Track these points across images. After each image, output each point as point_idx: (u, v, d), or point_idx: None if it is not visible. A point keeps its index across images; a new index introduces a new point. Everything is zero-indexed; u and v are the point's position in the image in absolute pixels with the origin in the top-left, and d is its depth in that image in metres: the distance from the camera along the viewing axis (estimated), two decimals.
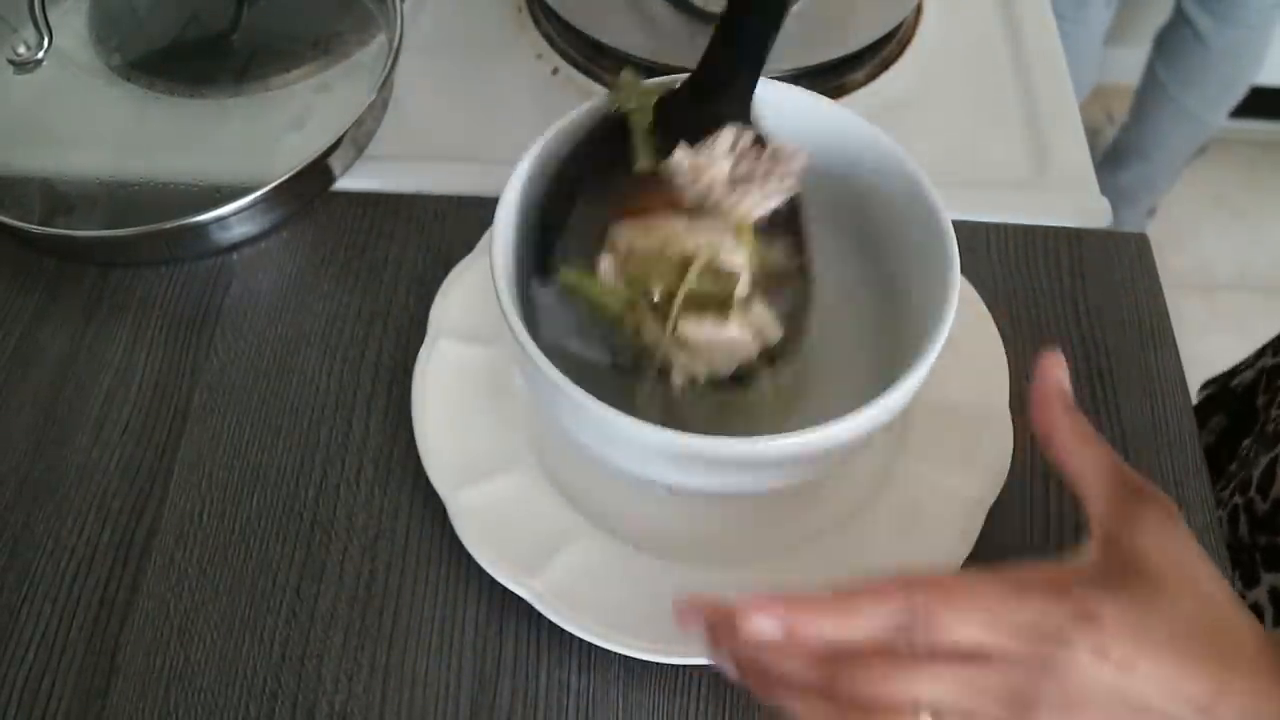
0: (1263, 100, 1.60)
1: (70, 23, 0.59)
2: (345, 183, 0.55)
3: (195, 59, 0.59)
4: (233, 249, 0.53)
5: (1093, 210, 0.55)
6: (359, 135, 0.56)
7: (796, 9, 0.60)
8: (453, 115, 0.59)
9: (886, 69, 0.61)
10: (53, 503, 0.45)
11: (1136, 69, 1.53)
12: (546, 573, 0.41)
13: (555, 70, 0.61)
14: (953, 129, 0.58)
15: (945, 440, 0.45)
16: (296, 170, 0.52)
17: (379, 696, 0.41)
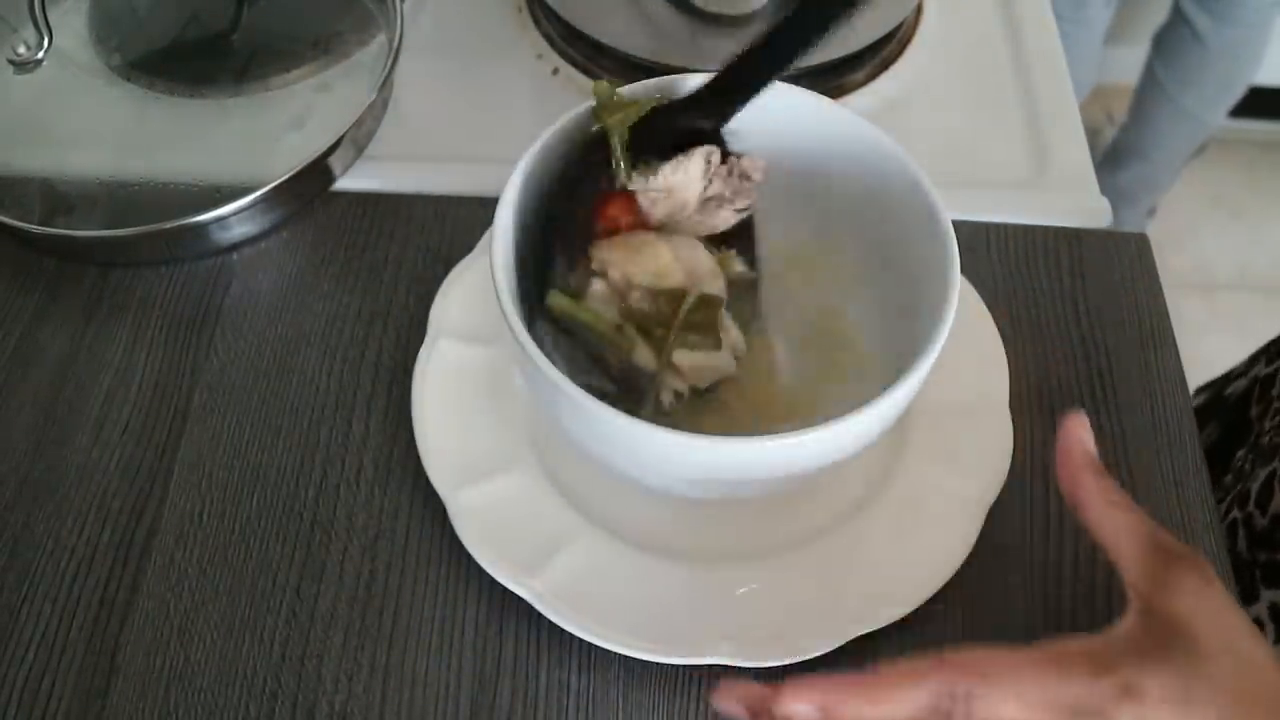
0: (1262, 100, 1.60)
1: (70, 23, 0.59)
2: (345, 183, 0.55)
3: (195, 59, 0.59)
4: (233, 249, 0.53)
5: (1093, 210, 0.55)
6: (359, 135, 0.56)
7: None
8: (453, 115, 0.59)
9: (886, 69, 0.61)
10: (53, 503, 0.45)
11: (1136, 69, 1.53)
12: (546, 573, 0.41)
13: (555, 70, 0.61)
14: (953, 129, 0.58)
15: (945, 440, 0.45)
16: (296, 170, 0.52)
17: (379, 696, 0.41)
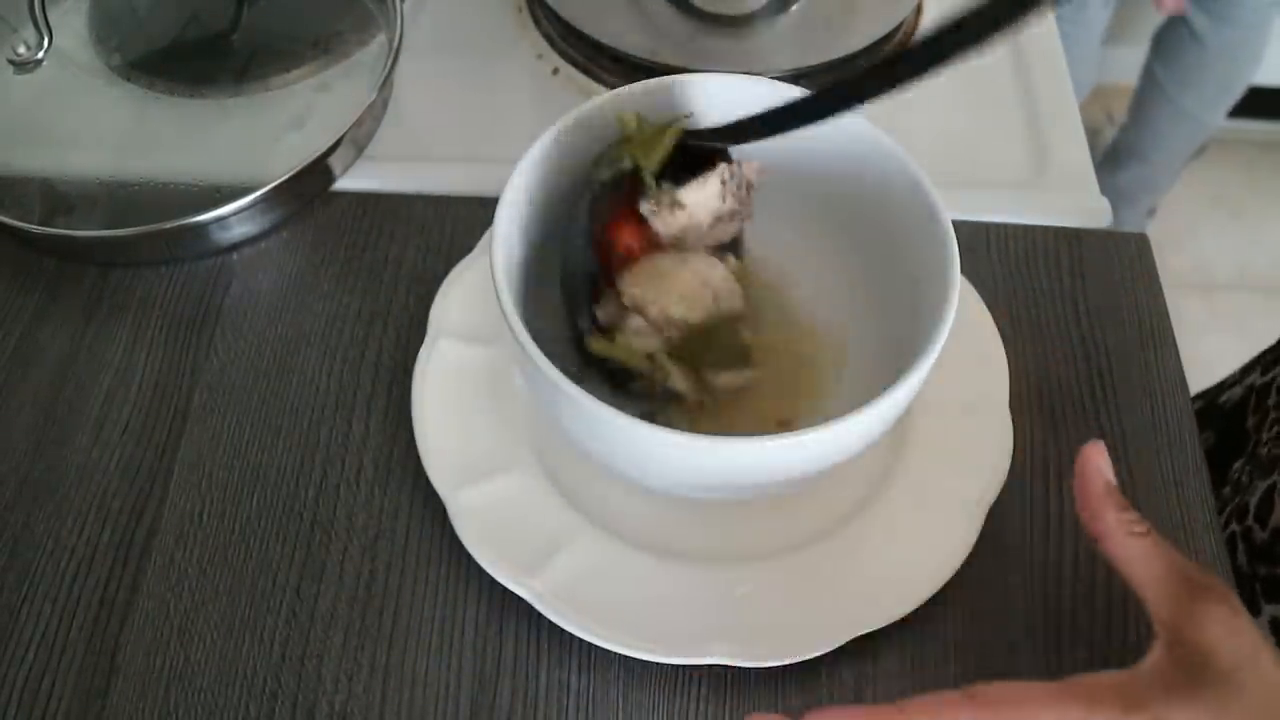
0: (1261, 100, 1.61)
1: (70, 23, 0.59)
2: (345, 183, 0.55)
3: (195, 59, 0.59)
4: (233, 249, 0.53)
5: (1093, 210, 0.55)
6: (359, 135, 0.56)
7: (796, 9, 0.60)
8: (453, 115, 0.59)
9: None
10: (53, 503, 0.45)
11: (1136, 69, 1.53)
12: (546, 573, 0.41)
13: (555, 70, 0.61)
14: (953, 129, 0.58)
15: (945, 440, 0.45)
16: (296, 170, 0.52)
17: (379, 696, 0.41)
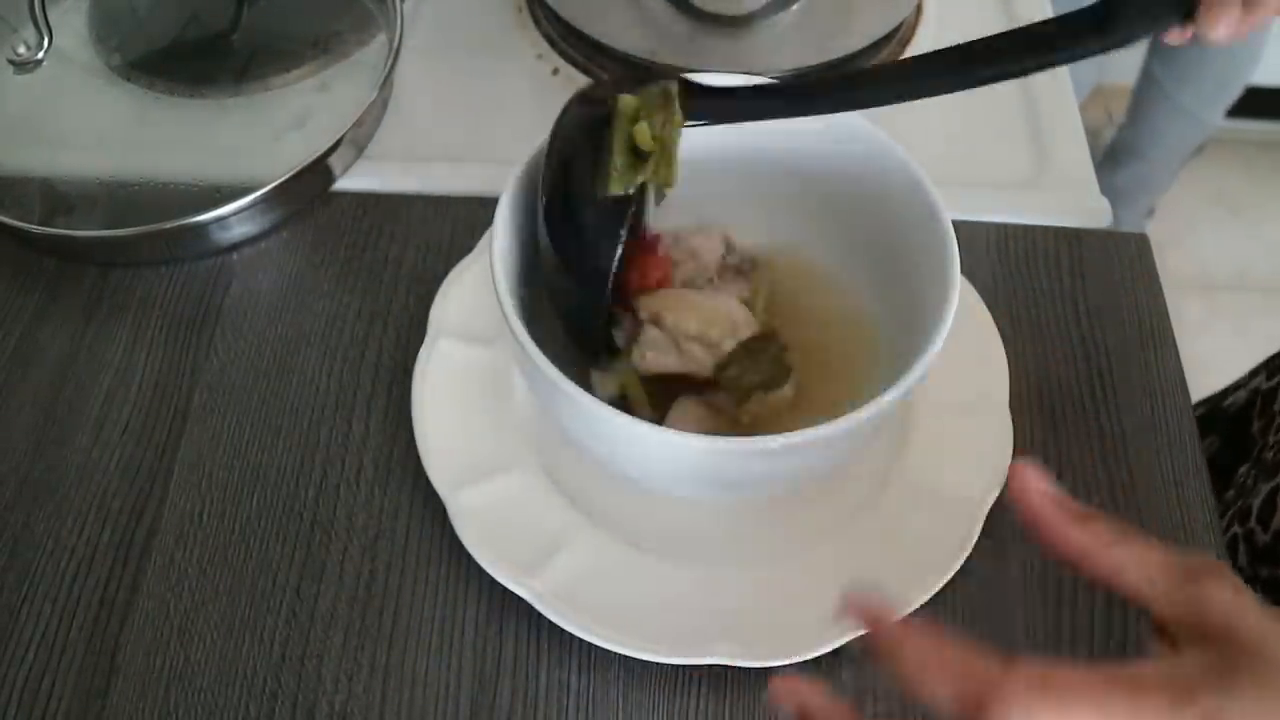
0: (1261, 100, 1.60)
1: (70, 23, 0.59)
2: (345, 183, 0.55)
3: (195, 59, 0.59)
4: (233, 249, 0.53)
5: (1093, 210, 0.55)
6: (359, 135, 0.56)
7: (796, 8, 0.60)
8: (453, 115, 0.59)
9: None
10: (53, 503, 0.45)
11: (1136, 69, 1.53)
12: (546, 573, 0.41)
13: (555, 70, 0.61)
14: (953, 129, 0.58)
15: (945, 440, 0.45)
16: (296, 170, 0.52)
17: (379, 696, 0.41)
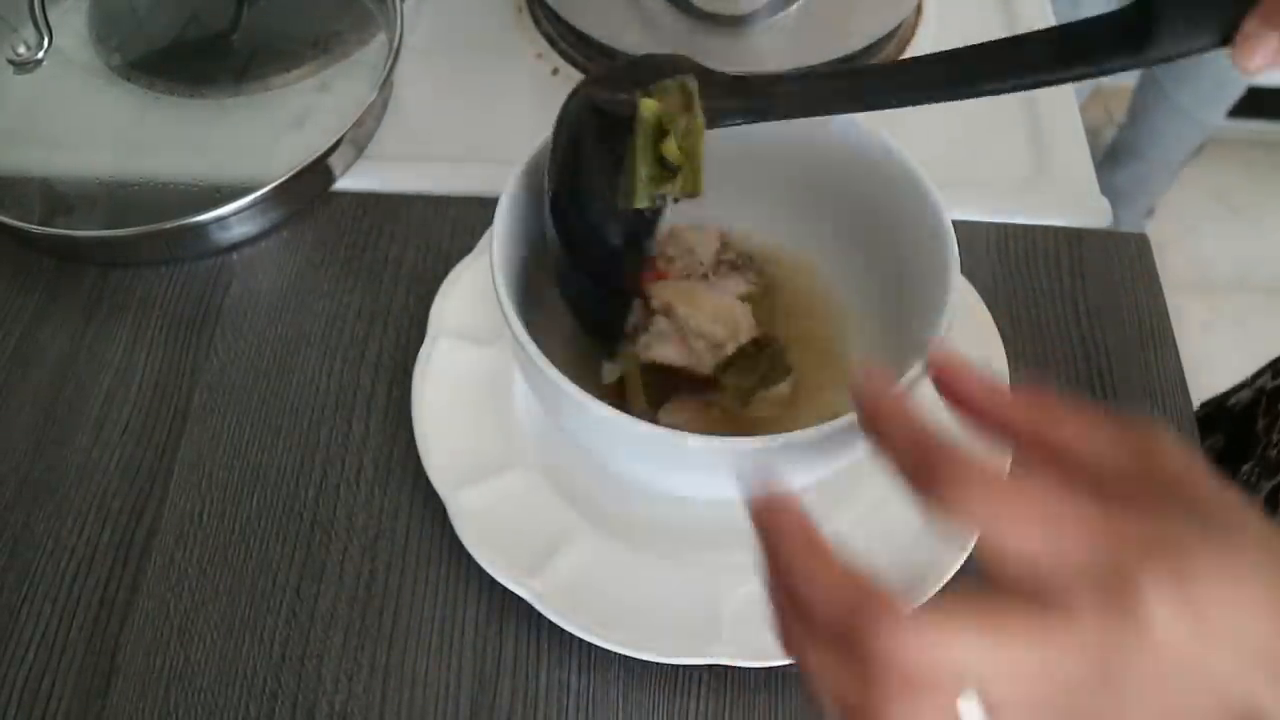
0: (1262, 100, 1.60)
1: (70, 23, 0.59)
2: (345, 183, 0.55)
3: (195, 59, 0.59)
4: (233, 249, 0.53)
5: (1093, 210, 0.55)
6: (359, 135, 0.56)
7: (796, 8, 0.60)
8: (453, 115, 0.59)
9: None
10: (53, 503, 0.45)
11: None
12: (546, 573, 0.41)
13: (555, 70, 0.61)
14: (953, 129, 0.58)
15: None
16: (296, 170, 0.52)
17: (379, 696, 0.41)
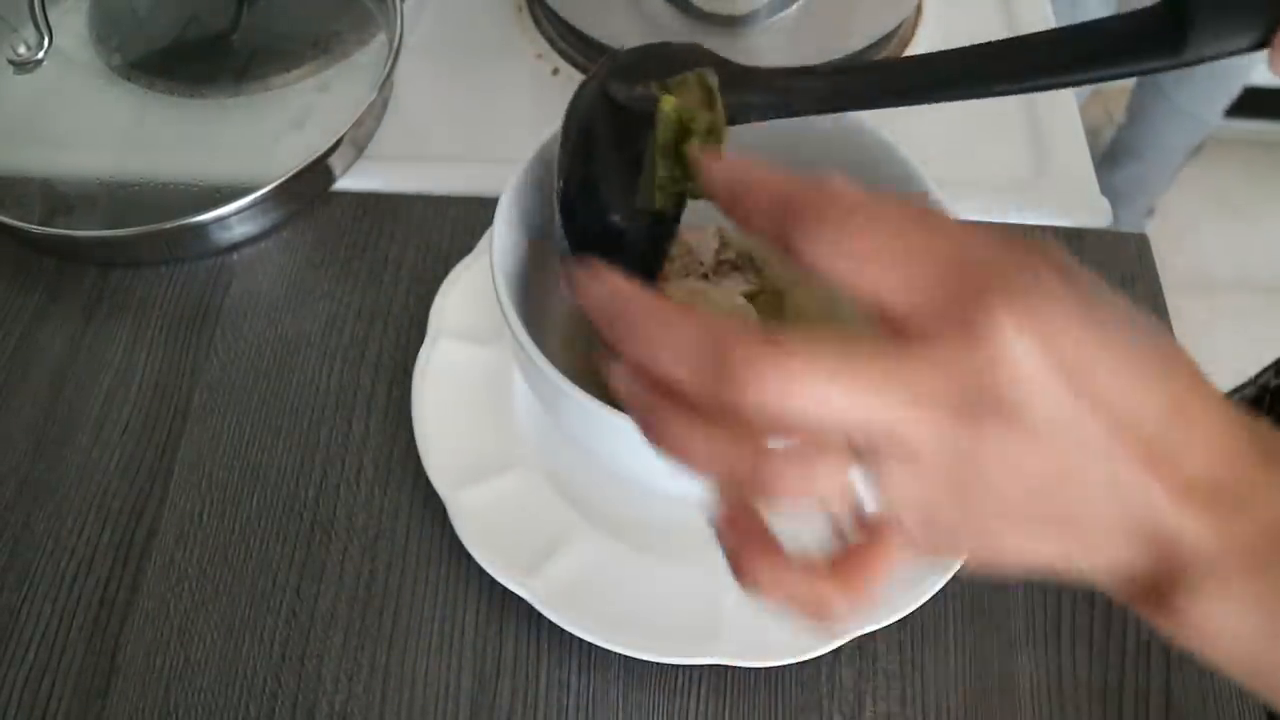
0: (1261, 100, 1.60)
1: (70, 23, 0.59)
2: (345, 183, 0.55)
3: (195, 59, 0.59)
4: (233, 249, 0.53)
5: (1093, 210, 0.55)
6: (359, 135, 0.56)
7: (796, 8, 0.60)
8: (453, 115, 0.59)
9: None
10: (53, 503, 0.45)
11: None
12: (546, 573, 0.41)
13: (555, 70, 0.61)
14: (953, 129, 0.58)
15: None
16: (296, 170, 0.52)
17: (379, 696, 0.41)
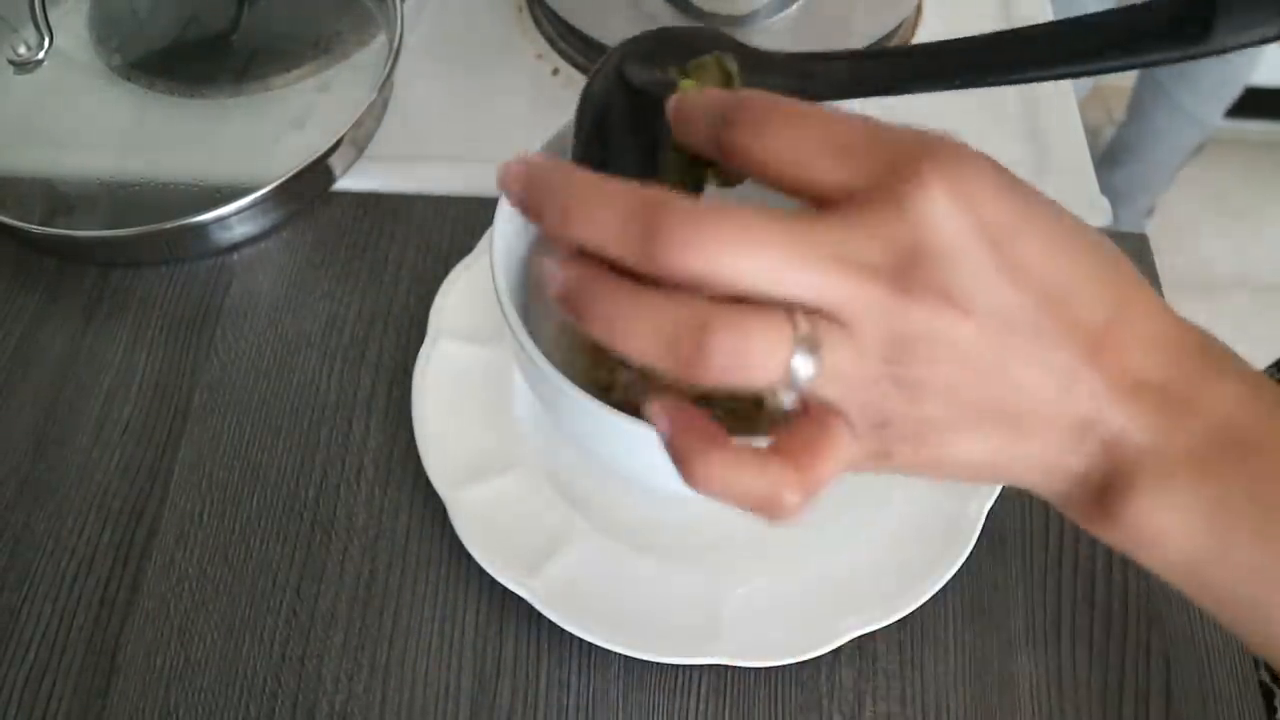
0: (1261, 100, 1.60)
1: (70, 23, 0.59)
2: (345, 183, 0.55)
3: (195, 59, 0.59)
4: (233, 249, 0.53)
5: (1093, 210, 0.55)
6: (359, 135, 0.56)
7: (796, 8, 0.60)
8: (453, 115, 0.59)
9: None
10: (53, 503, 0.45)
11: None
12: (546, 573, 0.41)
13: (555, 71, 0.61)
14: (952, 127, 0.58)
15: None
16: (296, 170, 0.52)
17: (379, 696, 0.41)
